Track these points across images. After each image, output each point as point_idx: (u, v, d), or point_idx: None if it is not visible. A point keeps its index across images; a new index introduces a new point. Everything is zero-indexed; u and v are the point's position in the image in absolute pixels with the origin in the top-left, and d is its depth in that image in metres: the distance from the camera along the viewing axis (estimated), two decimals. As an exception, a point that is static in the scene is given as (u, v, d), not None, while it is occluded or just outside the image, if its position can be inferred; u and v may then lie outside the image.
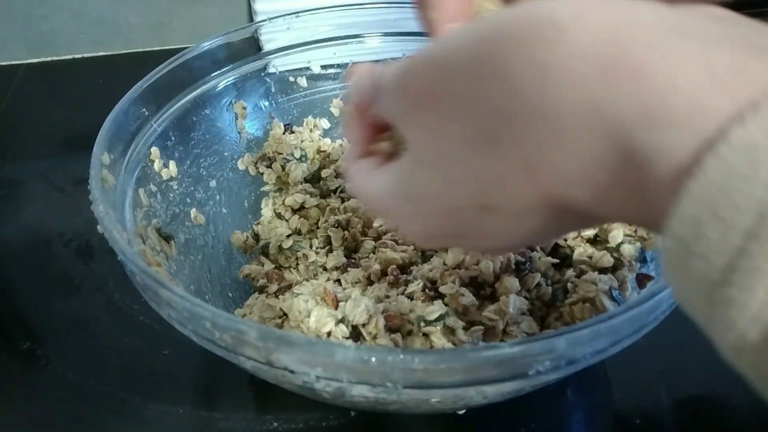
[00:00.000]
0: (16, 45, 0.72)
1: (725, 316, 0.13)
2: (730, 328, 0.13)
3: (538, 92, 0.16)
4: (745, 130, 0.13)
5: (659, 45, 0.15)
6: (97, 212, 0.31)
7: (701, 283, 0.14)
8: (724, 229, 0.13)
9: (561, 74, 0.16)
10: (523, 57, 0.16)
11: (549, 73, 0.16)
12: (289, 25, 0.49)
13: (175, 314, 0.28)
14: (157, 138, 0.42)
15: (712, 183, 0.13)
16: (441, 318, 0.32)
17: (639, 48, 0.15)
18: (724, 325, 0.13)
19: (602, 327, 0.25)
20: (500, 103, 0.17)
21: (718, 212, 0.13)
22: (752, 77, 0.14)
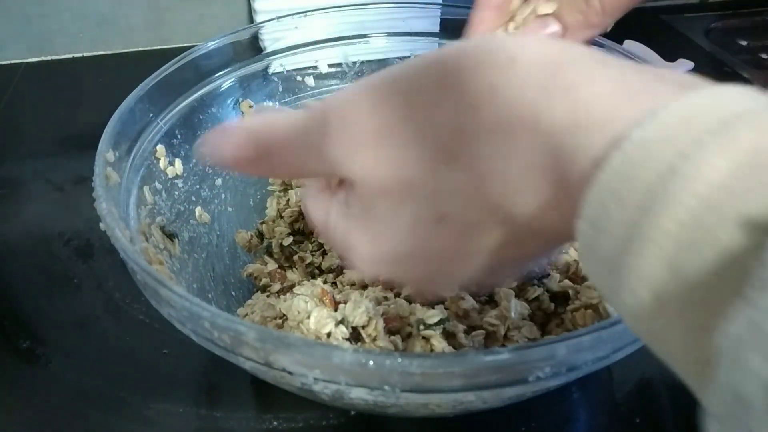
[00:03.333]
0: (15, 44, 0.72)
1: (624, 281, 0.15)
2: (630, 295, 0.15)
3: (493, 110, 0.19)
4: (643, 130, 0.16)
5: (587, 69, 0.18)
6: (100, 209, 0.31)
7: (606, 255, 0.16)
8: (622, 207, 0.15)
9: (512, 94, 0.19)
10: (483, 79, 0.19)
11: (503, 93, 0.19)
12: (297, 24, 0.49)
13: (175, 313, 0.28)
14: (163, 136, 0.42)
15: (615, 171, 0.16)
16: (441, 322, 0.32)
17: (572, 70, 0.18)
18: (623, 290, 0.16)
19: (604, 334, 0.25)
20: (460, 122, 0.19)
21: (619, 194, 0.15)
22: (655, 94, 0.17)
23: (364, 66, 0.52)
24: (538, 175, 0.18)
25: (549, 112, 0.18)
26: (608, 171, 0.16)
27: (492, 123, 0.19)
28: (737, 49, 0.76)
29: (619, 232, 0.15)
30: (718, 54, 0.74)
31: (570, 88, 0.18)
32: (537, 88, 0.18)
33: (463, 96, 0.19)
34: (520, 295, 0.35)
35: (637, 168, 0.15)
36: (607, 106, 0.17)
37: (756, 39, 0.77)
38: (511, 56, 0.19)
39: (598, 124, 0.17)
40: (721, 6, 0.83)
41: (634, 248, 0.15)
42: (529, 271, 0.36)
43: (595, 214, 0.16)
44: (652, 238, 0.15)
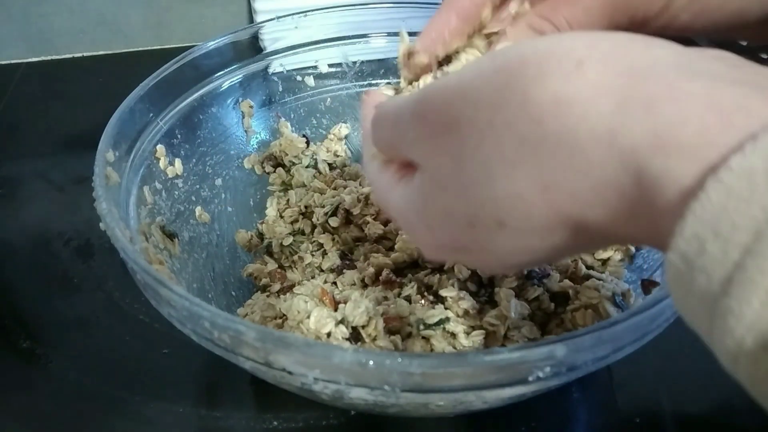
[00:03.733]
0: (15, 44, 0.72)
1: (724, 325, 0.14)
2: (728, 337, 0.14)
3: (559, 121, 0.18)
4: (744, 158, 0.14)
5: (670, 80, 0.17)
6: (100, 209, 0.31)
7: (703, 295, 0.15)
8: (723, 246, 0.14)
9: (580, 105, 0.17)
10: (545, 88, 0.18)
11: (569, 104, 0.17)
12: (297, 24, 0.49)
13: (175, 313, 0.28)
14: (163, 136, 0.42)
15: (714, 204, 0.14)
16: (441, 322, 0.32)
17: (652, 82, 0.17)
18: (723, 334, 0.14)
19: (604, 334, 0.25)
20: (522, 130, 0.18)
21: (719, 230, 0.14)
22: (751, 112, 0.15)
23: (364, 66, 0.52)
24: (613, 193, 0.17)
25: (627, 131, 0.16)
26: (706, 203, 0.15)
27: (558, 136, 0.18)
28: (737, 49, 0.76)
29: (718, 271, 0.14)
30: (718, 54, 0.74)
31: (651, 104, 0.16)
32: (611, 100, 0.17)
33: (524, 107, 0.18)
34: (520, 295, 0.35)
35: (741, 202, 0.14)
36: (696, 127, 0.16)
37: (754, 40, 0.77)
38: (578, 59, 0.18)
39: (688, 149, 0.15)
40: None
41: (737, 292, 0.14)
42: (529, 270, 0.36)
43: (690, 249, 0.15)
44: (758, 282, 0.13)
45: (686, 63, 0.17)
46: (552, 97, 0.18)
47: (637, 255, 0.39)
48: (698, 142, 0.15)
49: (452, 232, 0.22)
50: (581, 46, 0.18)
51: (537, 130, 0.18)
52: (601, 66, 0.18)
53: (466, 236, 0.22)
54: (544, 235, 0.20)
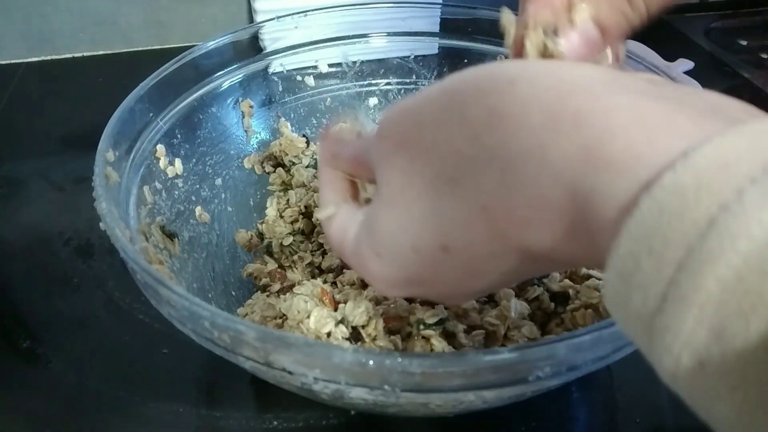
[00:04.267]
0: (15, 44, 0.72)
1: (662, 342, 0.14)
2: (666, 353, 0.14)
3: (492, 137, 0.18)
4: (676, 175, 0.14)
5: (598, 96, 0.17)
6: (100, 209, 0.31)
7: (640, 313, 0.15)
8: (657, 262, 0.14)
9: (513, 121, 0.17)
10: (481, 105, 0.18)
11: (502, 119, 0.18)
12: (297, 23, 0.49)
13: (175, 313, 0.28)
14: (163, 135, 0.42)
15: (647, 221, 0.14)
16: (441, 322, 0.32)
17: (580, 98, 0.17)
18: (661, 351, 0.14)
19: (604, 333, 0.25)
20: (460, 147, 0.19)
21: (653, 247, 0.14)
22: (676, 128, 0.15)
23: (363, 65, 0.52)
24: (550, 211, 0.17)
25: (558, 146, 0.17)
26: (639, 220, 0.14)
27: (493, 151, 0.18)
28: (737, 48, 0.76)
29: (653, 289, 0.14)
30: (718, 54, 0.74)
31: (579, 118, 0.16)
32: (542, 115, 0.17)
33: (463, 123, 0.19)
34: (520, 295, 0.35)
35: (673, 218, 0.14)
36: (624, 143, 0.16)
37: (756, 39, 0.77)
38: (511, 78, 0.18)
39: (619, 164, 0.15)
40: (722, 6, 0.83)
41: (672, 309, 0.14)
42: None
43: (626, 268, 0.15)
44: (691, 299, 0.13)
45: (613, 80, 0.17)
46: (486, 112, 0.18)
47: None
48: (628, 158, 0.15)
49: (400, 259, 0.22)
50: (515, 67, 0.19)
51: (473, 145, 0.18)
52: (531, 83, 0.18)
53: (414, 264, 0.22)
54: (490, 260, 0.20)
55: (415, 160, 0.21)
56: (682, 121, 0.16)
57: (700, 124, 0.15)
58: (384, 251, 0.23)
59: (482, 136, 0.18)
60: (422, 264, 0.22)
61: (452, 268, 0.21)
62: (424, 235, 0.21)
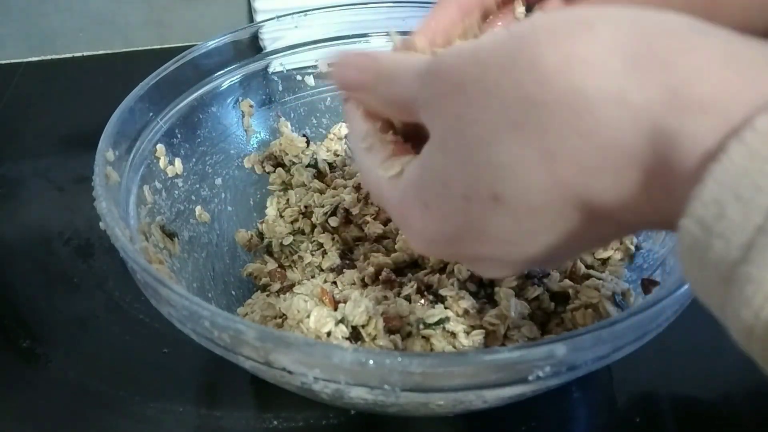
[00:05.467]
0: (16, 43, 0.72)
1: (741, 293, 0.13)
2: (745, 306, 0.13)
3: (566, 81, 0.17)
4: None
5: (685, 39, 0.16)
6: (100, 209, 0.31)
7: (719, 263, 0.14)
8: (745, 209, 0.13)
9: (590, 65, 0.16)
10: (555, 49, 0.17)
11: (579, 63, 0.17)
12: (297, 23, 0.49)
13: (175, 312, 0.28)
14: (163, 135, 0.42)
15: (737, 166, 0.14)
16: (441, 321, 0.32)
17: (666, 38, 0.16)
18: (739, 304, 0.14)
19: (604, 333, 0.25)
20: (529, 90, 0.18)
21: (741, 193, 0.13)
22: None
23: (364, 65, 0.52)
24: (623, 159, 0.16)
25: (640, 88, 0.16)
26: (727, 165, 0.14)
27: (565, 96, 0.17)
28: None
29: (739, 236, 0.13)
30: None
31: (666, 59, 0.15)
32: (623, 58, 0.16)
33: (533, 67, 0.18)
34: (520, 295, 0.35)
35: (765, 164, 0.13)
36: (715, 85, 0.15)
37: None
38: (588, 22, 0.17)
39: (707, 107, 0.15)
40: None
41: (758, 257, 0.13)
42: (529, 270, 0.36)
43: (709, 214, 0.14)
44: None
45: (699, 25, 0.17)
46: (561, 57, 0.17)
47: (637, 254, 0.39)
48: (718, 100, 0.14)
49: (447, 208, 0.21)
50: (593, 12, 0.18)
51: (544, 90, 0.17)
52: (612, 27, 0.17)
53: (461, 215, 0.21)
54: (546, 218, 0.19)
55: (473, 103, 0.19)
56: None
57: None
58: (432, 201, 0.22)
59: (555, 81, 0.17)
60: (470, 215, 0.20)
61: (502, 223, 0.20)
62: (477, 183, 0.20)
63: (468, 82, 0.20)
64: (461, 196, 0.20)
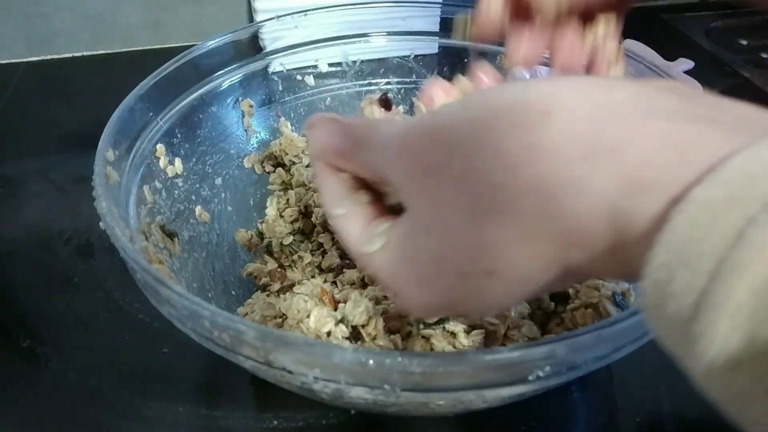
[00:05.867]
0: (15, 43, 0.72)
1: (696, 348, 0.15)
2: (700, 359, 0.15)
3: (530, 169, 0.18)
4: (704, 189, 0.15)
5: (631, 124, 0.18)
6: (100, 208, 0.31)
7: (675, 320, 0.16)
8: (690, 273, 0.15)
9: (549, 154, 0.18)
10: (517, 138, 0.19)
11: (539, 153, 0.18)
12: (297, 23, 0.49)
13: (175, 312, 0.28)
14: (163, 135, 0.42)
15: (680, 234, 0.15)
16: (441, 321, 0.32)
17: (614, 127, 0.18)
18: (695, 357, 0.15)
19: (604, 333, 0.25)
20: (496, 179, 0.19)
21: (685, 258, 0.15)
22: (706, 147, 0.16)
23: (363, 65, 0.52)
24: (588, 239, 0.18)
25: (596, 176, 0.17)
26: (671, 233, 0.15)
27: (531, 184, 0.18)
28: (737, 48, 0.76)
29: (687, 298, 0.15)
30: (718, 53, 0.74)
31: (615, 148, 0.17)
32: (578, 147, 0.18)
33: (497, 155, 0.19)
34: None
35: (703, 231, 0.15)
36: (658, 166, 0.16)
37: (756, 38, 0.77)
38: (544, 110, 0.19)
39: (653, 187, 0.16)
40: (722, 5, 0.83)
41: (705, 316, 0.15)
42: None
43: (661, 277, 0.16)
44: (723, 307, 0.14)
45: (645, 104, 0.18)
46: (521, 146, 0.19)
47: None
48: (661, 180, 0.16)
49: (443, 284, 0.22)
50: (546, 95, 0.19)
51: (510, 178, 0.19)
52: (566, 114, 0.18)
53: (459, 289, 0.22)
54: (532, 280, 0.20)
55: (444, 188, 0.21)
56: (714, 137, 0.16)
57: (730, 140, 0.16)
58: (426, 279, 0.22)
59: (519, 170, 0.19)
60: (467, 289, 0.22)
61: (496, 291, 0.21)
62: (470, 263, 0.21)
63: (436, 168, 0.21)
64: (456, 273, 0.21)
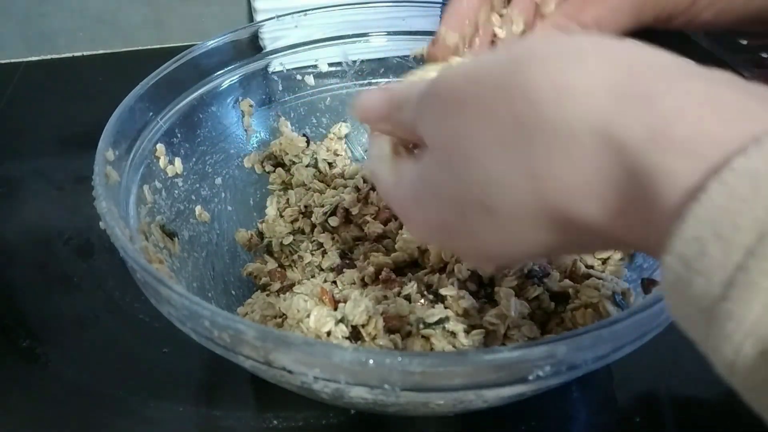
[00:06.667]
0: (15, 43, 0.72)
1: (722, 329, 0.14)
2: (726, 342, 0.14)
3: (555, 108, 0.18)
4: (748, 159, 0.14)
5: (669, 77, 0.17)
6: (100, 208, 0.31)
7: (701, 298, 0.14)
8: (725, 247, 0.14)
9: (578, 95, 0.17)
10: (547, 76, 0.18)
11: (568, 92, 0.18)
12: (297, 22, 0.49)
13: (175, 312, 0.28)
14: (163, 135, 0.42)
15: (716, 205, 0.14)
16: (441, 321, 0.32)
17: (651, 78, 0.17)
18: (720, 339, 0.14)
19: (604, 333, 0.25)
20: (521, 114, 0.19)
21: (721, 232, 0.14)
22: (751, 114, 0.15)
23: (363, 65, 0.52)
24: (606, 187, 0.17)
25: (623, 123, 0.16)
26: (707, 205, 0.14)
27: (554, 123, 0.18)
28: (738, 48, 0.76)
29: (719, 274, 0.14)
30: (718, 53, 0.74)
31: (649, 98, 0.16)
32: (610, 93, 0.17)
33: (525, 91, 0.19)
34: (520, 294, 0.35)
35: (744, 203, 0.14)
36: (695, 126, 0.15)
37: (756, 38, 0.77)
38: (580, 51, 0.18)
39: (687, 146, 0.15)
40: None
41: (738, 295, 0.13)
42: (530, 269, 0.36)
43: (690, 252, 0.15)
44: (761, 285, 0.13)
45: (686, 65, 0.17)
46: (552, 84, 0.18)
47: (637, 254, 0.39)
48: (697, 140, 0.15)
49: (441, 212, 0.23)
50: (587, 42, 0.19)
51: (534, 114, 0.18)
52: (602, 60, 0.18)
53: (454, 218, 0.22)
54: (532, 228, 0.20)
55: (469, 121, 0.21)
56: (754, 107, 0.15)
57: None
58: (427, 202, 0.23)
59: (545, 107, 0.18)
60: (462, 217, 0.22)
61: (491, 230, 0.21)
62: (468, 195, 0.21)
63: (464, 100, 0.21)
64: (454, 204, 0.22)
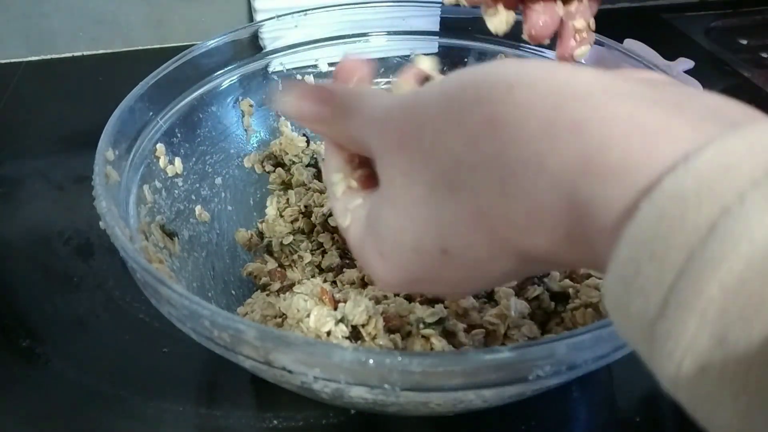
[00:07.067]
0: (15, 43, 0.72)
1: (663, 348, 0.14)
2: (668, 360, 0.14)
3: (490, 143, 0.18)
4: (677, 178, 0.14)
5: (596, 104, 0.17)
6: (100, 208, 0.31)
7: (641, 318, 0.15)
8: (659, 267, 0.14)
9: (510, 129, 0.18)
10: (479, 111, 0.18)
11: (500, 127, 0.18)
12: (297, 22, 0.49)
13: (175, 312, 0.28)
14: (163, 135, 0.42)
15: (648, 226, 0.14)
16: (441, 321, 0.32)
17: (578, 106, 0.17)
18: (662, 358, 0.14)
19: (604, 332, 0.25)
20: (458, 153, 0.19)
21: (654, 251, 0.14)
22: (677, 134, 0.15)
23: (364, 65, 0.52)
24: (548, 218, 0.17)
25: (556, 154, 0.16)
26: (639, 225, 0.14)
27: (491, 159, 0.18)
28: (737, 47, 0.76)
29: (654, 294, 0.14)
30: (718, 53, 0.74)
31: (577, 127, 0.16)
32: (539, 124, 0.17)
33: (461, 128, 0.19)
34: (520, 294, 0.35)
35: (674, 223, 0.14)
36: (623, 151, 0.15)
37: (756, 38, 0.77)
38: (508, 84, 0.18)
39: (617, 172, 0.15)
40: (722, 5, 0.83)
41: (673, 314, 0.14)
42: None
43: (627, 272, 0.15)
44: (693, 304, 0.13)
45: (610, 86, 0.17)
46: (484, 119, 0.18)
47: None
48: (626, 165, 0.15)
49: (401, 260, 0.22)
50: (513, 71, 0.19)
51: (471, 152, 0.18)
52: (529, 89, 0.18)
53: (415, 265, 0.22)
54: (489, 263, 0.20)
55: (414, 161, 0.21)
56: (681, 125, 0.15)
57: (699, 129, 0.15)
58: (387, 251, 0.23)
59: (480, 144, 0.18)
60: (423, 265, 0.22)
61: (452, 270, 0.21)
62: (425, 238, 0.21)
63: (408, 142, 0.21)
64: (411, 249, 0.22)
